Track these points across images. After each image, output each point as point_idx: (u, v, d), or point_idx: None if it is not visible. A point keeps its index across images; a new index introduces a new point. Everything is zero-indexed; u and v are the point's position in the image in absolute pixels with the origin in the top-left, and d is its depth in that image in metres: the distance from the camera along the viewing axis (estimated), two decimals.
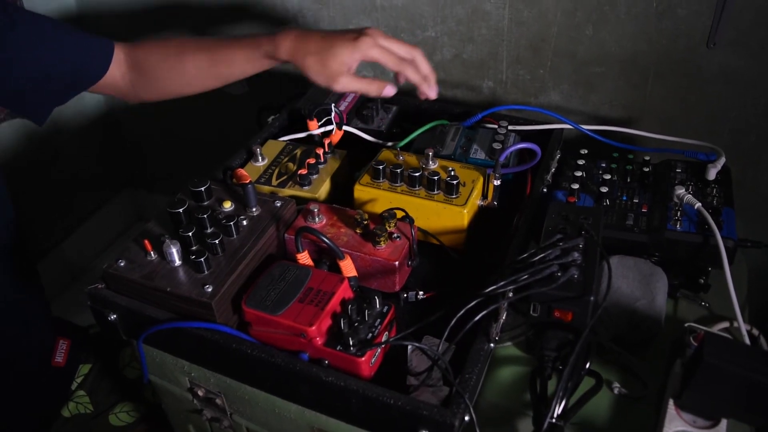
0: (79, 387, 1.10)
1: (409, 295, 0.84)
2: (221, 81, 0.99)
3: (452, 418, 0.64)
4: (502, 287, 0.72)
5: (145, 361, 0.83)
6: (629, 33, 1.14)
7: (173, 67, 0.98)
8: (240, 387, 0.80)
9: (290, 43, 0.90)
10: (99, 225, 2.02)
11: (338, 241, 0.82)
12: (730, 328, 0.85)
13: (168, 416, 1.01)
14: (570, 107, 1.27)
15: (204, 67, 0.97)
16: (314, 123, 1.05)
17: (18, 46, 0.87)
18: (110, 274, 0.78)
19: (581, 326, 0.73)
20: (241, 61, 0.95)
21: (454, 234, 0.89)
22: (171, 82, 1.00)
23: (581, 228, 0.79)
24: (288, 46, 0.90)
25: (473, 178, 0.91)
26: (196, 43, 0.98)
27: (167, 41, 0.99)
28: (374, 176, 0.91)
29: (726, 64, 1.11)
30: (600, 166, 1.01)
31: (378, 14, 1.32)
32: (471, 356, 0.71)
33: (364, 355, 0.70)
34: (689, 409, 0.71)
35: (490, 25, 1.24)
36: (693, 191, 0.92)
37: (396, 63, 0.89)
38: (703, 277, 0.88)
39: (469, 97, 1.35)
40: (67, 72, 0.93)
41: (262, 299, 0.74)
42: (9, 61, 0.86)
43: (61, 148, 1.82)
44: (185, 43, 0.98)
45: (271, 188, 0.94)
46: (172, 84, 1.00)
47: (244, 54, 0.94)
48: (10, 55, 0.86)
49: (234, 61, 0.95)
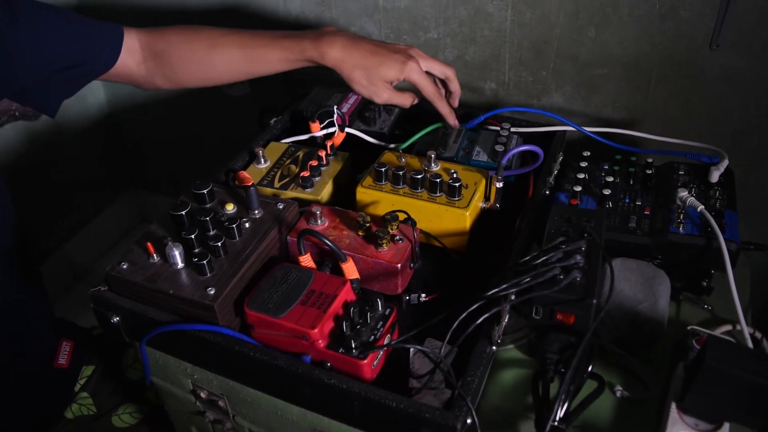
0: (82, 388, 1.11)
1: (411, 298, 0.84)
2: (251, 77, 0.99)
3: (454, 421, 0.64)
4: (504, 290, 0.72)
5: (147, 363, 0.83)
6: (632, 35, 1.14)
7: (202, 60, 0.97)
8: (242, 389, 0.80)
9: (337, 53, 0.92)
10: (101, 226, 2.03)
11: (340, 244, 0.82)
12: (733, 331, 0.85)
13: (171, 418, 1.01)
14: (572, 109, 1.27)
15: (236, 64, 0.96)
16: (316, 125, 1.05)
17: (23, 40, 0.85)
18: (113, 277, 0.79)
19: (584, 329, 0.72)
20: (277, 62, 0.95)
21: (456, 236, 0.89)
22: (198, 74, 0.99)
23: (584, 230, 0.79)
24: (335, 57, 0.92)
25: (475, 181, 0.91)
26: (230, 37, 0.96)
27: (196, 32, 0.98)
28: (377, 178, 0.91)
29: (729, 65, 1.11)
30: (602, 168, 1.01)
31: (380, 16, 1.33)
32: (473, 359, 0.71)
33: (367, 357, 0.70)
34: (692, 412, 0.71)
35: (492, 26, 1.24)
36: (696, 194, 0.92)
37: (431, 94, 0.97)
38: (706, 280, 0.88)
39: (471, 98, 1.35)
40: (76, 62, 0.91)
41: (265, 302, 0.74)
42: (14, 56, 0.85)
43: (64, 149, 1.82)
44: (217, 36, 0.97)
45: (274, 190, 0.94)
46: (198, 76, 0.99)
47: (284, 56, 0.94)
48: (15, 49, 0.85)
49: (269, 60, 0.95)
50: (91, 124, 1.89)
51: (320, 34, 0.93)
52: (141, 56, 0.97)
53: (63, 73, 0.91)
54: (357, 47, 0.93)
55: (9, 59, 0.85)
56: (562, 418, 0.68)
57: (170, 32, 0.97)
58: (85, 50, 0.92)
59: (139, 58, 0.97)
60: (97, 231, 2.01)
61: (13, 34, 0.84)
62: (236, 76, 0.99)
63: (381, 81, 0.94)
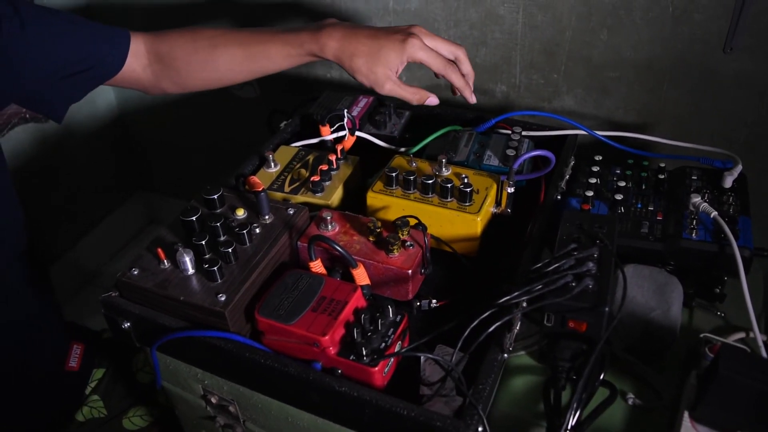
0: (92, 391, 1.11)
1: (422, 304, 0.84)
2: (255, 76, 0.97)
3: (466, 429, 0.63)
4: (516, 297, 0.72)
5: (158, 368, 0.84)
6: (645, 37, 1.13)
7: (205, 61, 0.96)
8: (253, 395, 0.80)
9: (336, 43, 0.89)
10: (111, 228, 2.04)
11: (351, 249, 0.82)
12: (746, 338, 0.84)
13: (181, 422, 1.01)
14: (584, 112, 1.26)
15: (238, 62, 0.95)
16: (327, 128, 1.05)
17: (30, 45, 0.85)
18: (124, 283, 0.79)
19: (596, 337, 0.72)
20: (278, 57, 0.93)
21: (467, 242, 0.89)
22: (202, 75, 0.98)
23: (596, 237, 0.78)
24: (334, 47, 0.89)
25: (487, 186, 0.90)
26: (230, 35, 0.96)
27: (197, 32, 0.97)
28: (387, 183, 0.91)
29: (742, 69, 1.10)
30: (614, 172, 1.00)
31: (391, 18, 1.32)
32: (484, 367, 0.70)
33: (377, 365, 0.70)
34: (704, 422, 0.71)
35: (503, 29, 1.23)
36: (709, 199, 0.91)
37: (441, 66, 0.91)
38: (719, 287, 0.87)
39: (482, 101, 1.35)
40: (83, 67, 0.90)
41: (275, 308, 0.73)
42: (21, 62, 0.85)
43: (73, 151, 1.83)
44: (218, 35, 0.96)
45: (284, 195, 0.94)
46: (202, 77, 0.98)
47: (284, 51, 0.92)
48: (22, 55, 0.85)
49: (271, 56, 0.93)
50: (101, 126, 1.90)
51: (320, 27, 0.91)
52: (147, 60, 0.97)
53: (70, 79, 0.90)
54: (355, 35, 0.89)
55: (16, 65, 0.85)
56: (574, 426, 0.68)
57: (173, 34, 0.97)
58: (91, 55, 0.91)
59: (144, 62, 0.97)
60: (106, 233, 2.02)
61: (20, 40, 0.84)
62: (240, 74, 0.97)
63: (383, 68, 0.89)
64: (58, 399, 1.08)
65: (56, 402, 1.08)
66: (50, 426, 1.07)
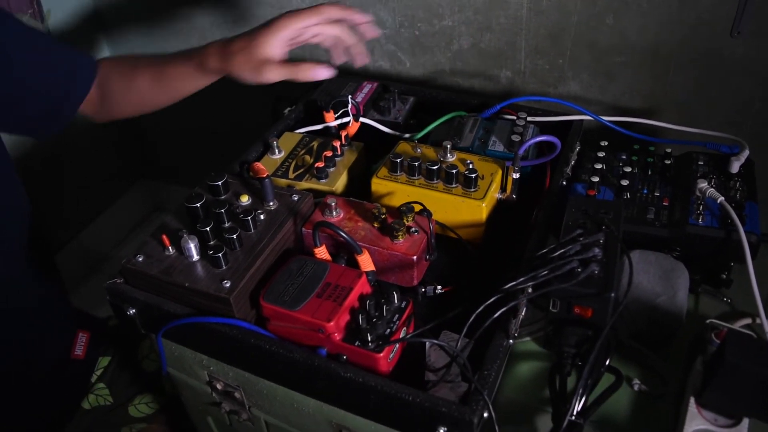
0: (98, 379, 1.11)
1: (427, 290, 0.84)
2: (172, 97, 0.98)
3: (471, 415, 0.63)
4: (521, 283, 0.71)
5: (164, 354, 0.84)
6: (651, 22, 1.12)
7: (127, 85, 0.98)
8: (258, 381, 0.80)
9: (215, 49, 0.88)
10: (116, 216, 2.04)
11: (356, 236, 0.82)
12: (752, 324, 0.84)
13: (187, 408, 1.01)
14: (589, 97, 1.26)
15: (153, 84, 0.96)
16: (331, 115, 1.04)
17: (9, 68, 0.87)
18: (129, 269, 0.79)
19: (601, 323, 0.72)
20: (183, 77, 0.93)
21: (472, 228, 0.88)
22: (127, 99, 1.00)
23: (601, 222, 0.78)
24: (214, 54, 0.88)
25: (492, 171, 0.90)
26: (149, 59, 0.97)
27: (125, 58, 0.99)
28: (392, 169, 0.91)
29: (750, 54, 1.09)
30: (620, 158, 1.00)
31: (395, 4, 1.31)
32: (490, 353, 0.70)
33: (383, 351, 0.70)
34: (710, 408, 0.70)
35: (508, 14, 1.22)
36: (715, 185, 0.90)
37: (320, 28, 0.86)
38: (726, 273, 0.87)
39: (486, 87, 1.34)
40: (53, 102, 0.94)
41: (280, 294, 0.73)
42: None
43: (77, 140, 1.82)
44: (140, 59, 0.98)
45: (288, 181, 0.94)
46: (128, 101, 1.00)
47: (184, 69, 0.92)
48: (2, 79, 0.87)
49: (177, 77, 0.94)
50: None
51: (205, 45, 0.90)
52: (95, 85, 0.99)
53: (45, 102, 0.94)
54: (233, 39, 0.87)
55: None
56: (580, 412, 0.68)
57: (112, 60, 1.00)
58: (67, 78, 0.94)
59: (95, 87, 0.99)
60: (111, 221, 2.02)
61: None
62: (159, 98, 0.98)
63: (259, 54, 0.84)
64: (65, 387, 1.08)
65: (62, 390, 1.08)
66: (56, 414, 1.08)
